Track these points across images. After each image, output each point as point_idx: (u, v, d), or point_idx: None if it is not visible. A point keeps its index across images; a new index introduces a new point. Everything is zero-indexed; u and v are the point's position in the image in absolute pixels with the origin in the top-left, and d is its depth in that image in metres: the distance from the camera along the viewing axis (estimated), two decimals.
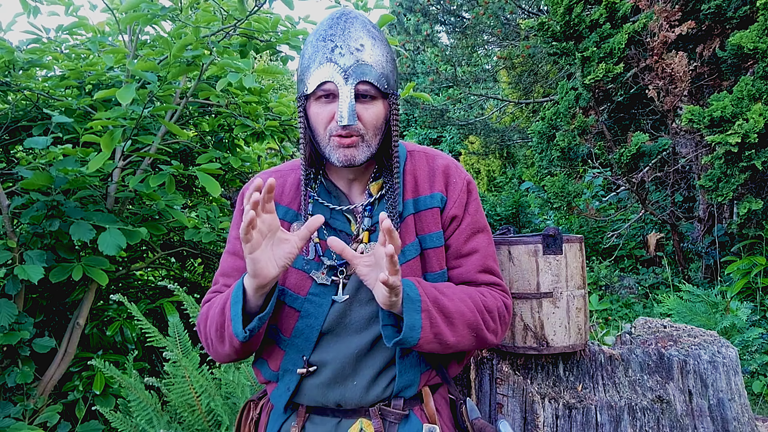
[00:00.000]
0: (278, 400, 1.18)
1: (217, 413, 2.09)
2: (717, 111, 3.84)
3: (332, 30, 1.09)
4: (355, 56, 1.07)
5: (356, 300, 1.14)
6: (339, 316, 1.13)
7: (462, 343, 1.10)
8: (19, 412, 2.43)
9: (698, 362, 1.49)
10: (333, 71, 1.06)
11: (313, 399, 1.15)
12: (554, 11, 4.57)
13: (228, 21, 2.45)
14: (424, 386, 1.18)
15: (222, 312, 1.08)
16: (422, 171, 1.22)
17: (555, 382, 1.51)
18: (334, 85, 1.06)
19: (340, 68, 1.06)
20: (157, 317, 3.29)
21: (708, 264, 5.41)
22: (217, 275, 1.24)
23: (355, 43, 1.08)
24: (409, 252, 1.15)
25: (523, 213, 7.94)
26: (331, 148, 1.09)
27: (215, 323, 1.10)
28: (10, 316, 2.26)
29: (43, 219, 2.32)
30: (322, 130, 1.10)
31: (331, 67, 1.06)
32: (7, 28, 2.68)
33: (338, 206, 1.18)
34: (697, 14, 4.59)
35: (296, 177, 1.23)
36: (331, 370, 1.13)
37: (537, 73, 8.53)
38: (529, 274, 1.45)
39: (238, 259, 1.20)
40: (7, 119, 2.67)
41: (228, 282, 1.20)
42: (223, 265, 1.23)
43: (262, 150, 3.62)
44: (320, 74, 1.07)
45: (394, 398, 1.14)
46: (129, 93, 2.02)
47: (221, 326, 1.08)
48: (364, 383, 1.13)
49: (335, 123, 1.07)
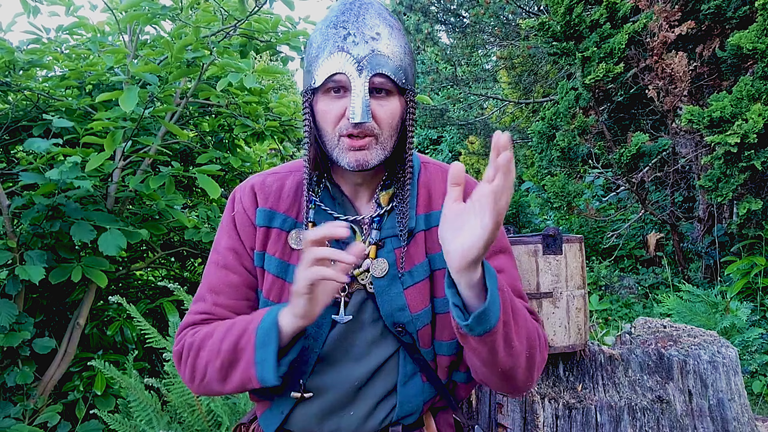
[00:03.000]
0: (269, 424, 1.07)
1: (217, 414, 2.09)
2: (716, 111, 3.84)
3: (345, 16, 0.96)
4: (371, 45, 0.94)
5: (358, 321, 1.02)
6: (339, 339, 1.02)
7: (519, 355, 0.89)
8: (19, 412, 2.43)
9: (698, 362, 1.49)
10: (345, 61, 0.93)
11: (305, 428, 1.05)
12: (554, 11, 4.57)
13: (228, 21, 2.46)
14: (424, 412, 1.08)
15: (234, 350, 0.94)
16: (437, 185, 1.09)
17: (555, 382, 1.51)
18: (346, 77, 0.93)
19: (353, 58, 0.93)
20: (157, 317, 3.29)
21: (708, 264, 5.41)
22: (204, 291, 1.07)
23: (371, 31, 0.95)
24: (417, 274, 1.03)
25: (523, 213, 7.94)
26: (341, 149, 0.96)
27: (220, 362, 0.96)
28: (11, 316, 2.26)
29: (44, 220, 2.32)
30: (330, 128, 0.97)
31: (342, 56, 0.93)
32: (7, 29, 2.68)
33: (343, 215, 1.05)
34: (697, 14, 4.59)
35: (295, 180, 1.09)
36: (327, 400, 1.03)
37: (537, 73, 8.53)
38: (529, 274, 1.45)
39: (230, 273, 1.06)
40: (7, 119, 2.67)
41: (219, 301, 1.05)
42: (211, 280, 1.06)
43: (263, 151, 3.63)
44: (330, 65, 0.94)
45: (392, 425, 1.04)
46: (132, 98, 2.02)
47: (230, 365, 0.95)
48: (361, 414, 1.02)
49: (346, 120, 0.94)
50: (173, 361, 1.07)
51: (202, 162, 2.74)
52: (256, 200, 1.07)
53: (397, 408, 1.03)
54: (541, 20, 4.64)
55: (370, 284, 1.02)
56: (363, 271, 1.02)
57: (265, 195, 1.08)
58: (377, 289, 1.01)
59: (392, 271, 1.02)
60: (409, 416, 1.04)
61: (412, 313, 1.01)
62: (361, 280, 1.02)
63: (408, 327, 1.01)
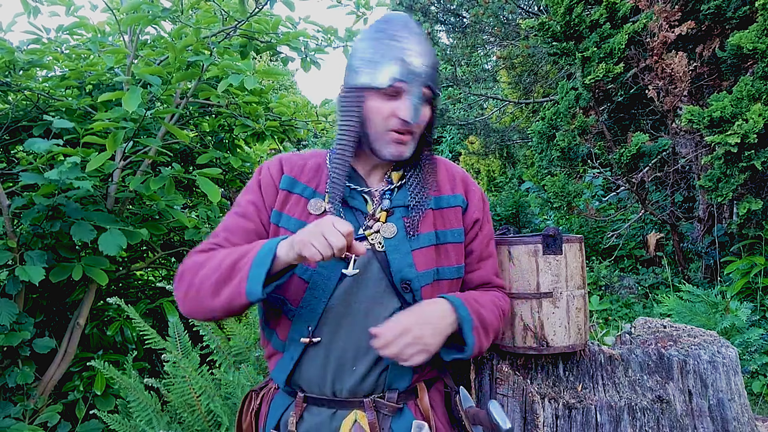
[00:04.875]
0: (281, 372, 1.20)
1: (216, 414, 2.09)
2: (716, 111, 3.84)
3: (400, 33, 1.15)
4: (423, 60, 1.14)
5: (363, 278, 1.15)
6: (346, 292, 1.15)
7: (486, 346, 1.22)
8: (19, 412, 2.43)
9: (698, 362, 1.49)
10: (407, 71, 1.12)
11: (311, 381, 1.17)
12: (554, 11, 4.57)
13: (229, 22, 2.46)
14: (418, 381, 1.21)
15: (233, 267, 1.08)
16: (442, 174, 1.29)
17: (555, 382, 1.51)
18: (406, 84, 1.12)
19: (414, 70, 1.13)
20: (157, 317, 3.29)
21: (708, 264, 5.41)
22: (219, 228, 1.24)
23: (422, 48, 1.15)
24: (423, 240, 1.20)
25: (523, 213, 7.93)
26: (386, 141, 1.15)
27: (217, 275, 1.09)
28: (11, 315, 2.26)
29: (44, 220, 2.32)
30: (381, 122, 1.15)
31: (404, 66, 1.12)
32: (8, 29, 2.67)
33: (359, 188, 1.23)
34: (697, 14, 4.59)
35: (316, 162, 1.27)
36: (333, 351, 1.15)
37: (537, 73, 8.52)
38: (528, 274, 1.45)
39: (247, 221, 1.22)
40: (7, 119, 2.67)
41: (231, 238, 1.21)
42: (228, 222, 1.24)
43: (263, 151, 3.63)
44: (394, 71, 1.12)
45: (388, 391, 1.17)
46: (135, 98, 2.02)
47: (225, 280, 1.08)
48: (361, 371, 1.15)
49: (397, 119, 1.13)
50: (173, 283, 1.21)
51: (203, 162, 2.74)
52: (282, 169, 1.26)
53: (389, 369, 1.16)
54: (541, 20, 4.64)
55: (379, 243, 1.17)
56: (373, 232, 1.18)
57: (290, 166, 1.26)
58: (388, 247, 1.17)
59: (401, 234, 1.18)
60: (400, 381, 1.17)
61: (418, 270, 1.17)
62: (371, 240, 1.17)
63: (413, 284, 1.16)
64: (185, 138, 2.50)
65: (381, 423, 1.15)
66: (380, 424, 1.15)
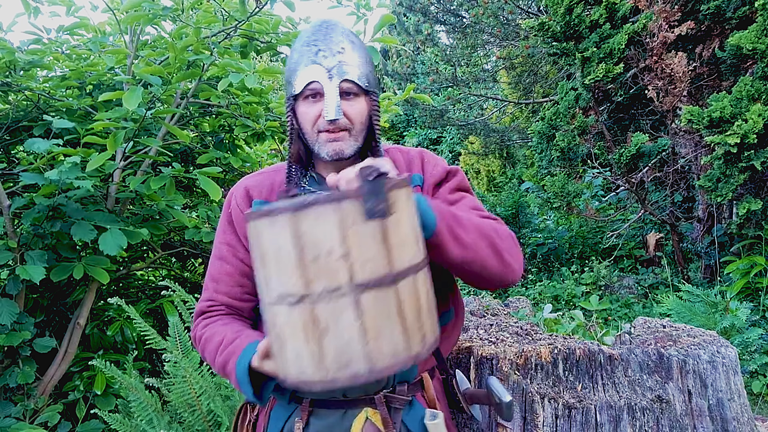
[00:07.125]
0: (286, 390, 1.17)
1: (216, 414, 2.09)
2: (716, 111, 3.84)
3: (315, 36, 1.17)
4: (338, 58, 1.15)
5: None
6: None
7: (480, 250, 1.06)
8: (19, 412, 2.43)
9: (698, 362, 1.49)
10: (318, 72, 1.14)
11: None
12: (554, 11, 4.58)
13: (229, 22, 2.46)
14: (423, 371, 1.22)
15: (224, 368, 1.12)
16: (399, 161, 1.30)
17: (555, 382, 1.51)
18: (320, 84, 1.14)
19: (324, 69, 1.14)
20: (157, 317, 3.29)
21: (707, 264, 5.41)
22: (207, 280, 1.28)
23: (337, 46, 1.16)
24: None
25: (523, 213, 7.93)
26: (320, 143, 1.17)
27: (218, 368, 1.14)
28: (12, 315, 2.26)
29: (44, 220, 2.32)
30: (310, 127, 1.17)
31: (316, 68, 1.15)
32: (8, 29, 2.67)
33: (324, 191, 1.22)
34: (697, 15, 4.60)
35: (283, 176, 1.28)
36: None
37: (537, 73, 8.53)
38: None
39: (225, 264, 1.25)
40: (7, 119, 2.68)
41: (219, 288, 1.24)
42: (212, 271, 1.27)
43: (263, 151, 3.63)
44: (306, 75, 1.15)
45: (398, 384, 1.16)
46: (135, 97, 2.02)
47: (226, 376, 1.12)
48: None
49: (323, 119, 1.15)
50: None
51: (203, 162, 2.74)
52: (249, 194, 1.26)
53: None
54: (541, 20, 4.65)
55: None
56: None
57: (258, 189, 1.27)
58: None
59: None
60: (410, 371, 1.17)
61: None
62: None
63: None
64: (186, 138, 2.50)
65: (393, 418, 1.15)
66: (392, 419, 1.15)
